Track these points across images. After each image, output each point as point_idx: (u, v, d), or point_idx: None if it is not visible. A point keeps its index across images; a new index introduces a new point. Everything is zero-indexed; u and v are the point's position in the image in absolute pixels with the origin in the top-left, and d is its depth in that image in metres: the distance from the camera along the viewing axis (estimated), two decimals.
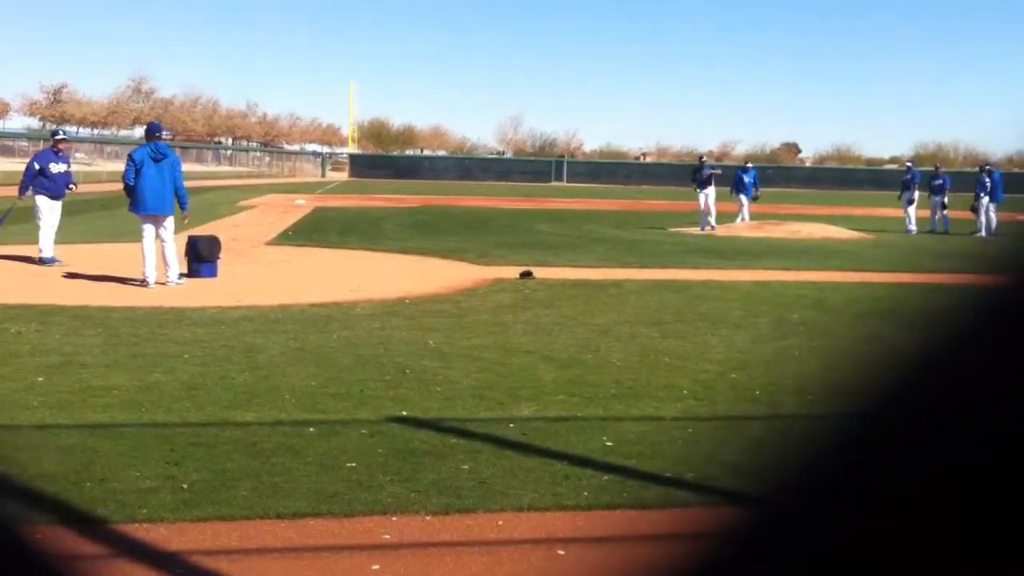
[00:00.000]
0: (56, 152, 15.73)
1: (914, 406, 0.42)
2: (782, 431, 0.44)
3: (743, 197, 28.64)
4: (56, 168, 15.62)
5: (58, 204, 15.65)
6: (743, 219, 28.36)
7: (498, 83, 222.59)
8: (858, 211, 41.66)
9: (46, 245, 15.18)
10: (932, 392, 0.42)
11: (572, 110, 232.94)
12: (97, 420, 6.36)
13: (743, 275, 15.65)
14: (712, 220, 27.33)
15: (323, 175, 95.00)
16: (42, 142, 16.62)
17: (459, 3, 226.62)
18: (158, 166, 12.98)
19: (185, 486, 5.14)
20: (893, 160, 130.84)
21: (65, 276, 13.77)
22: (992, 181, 27.97)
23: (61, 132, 17.54)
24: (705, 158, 30.71)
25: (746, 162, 30.65)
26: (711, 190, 27.57)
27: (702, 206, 27.64)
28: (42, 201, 15.46)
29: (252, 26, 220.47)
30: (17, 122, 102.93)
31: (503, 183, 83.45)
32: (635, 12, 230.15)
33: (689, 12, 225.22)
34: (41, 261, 14.94)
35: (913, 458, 0.40)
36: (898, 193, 30.58)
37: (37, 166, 15.57)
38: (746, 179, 28.82)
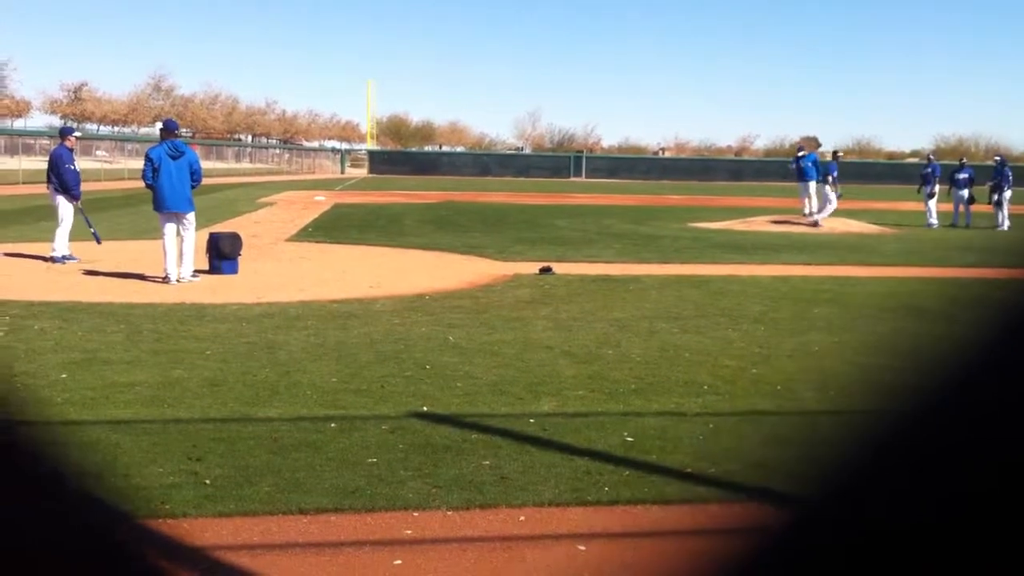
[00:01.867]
0: (70, 149, 15.77)
1: (947, 404, 0.42)
2: (805, 427, 0.44)
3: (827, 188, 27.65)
4: (75, 166, 15.67)
5: (76, 202, 15.68)
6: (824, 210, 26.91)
7: (516, 79, 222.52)
8: (879, 205, 41.46)
9: (64, 243, 15.22)
10: (966, 391, 0.42)
11: (590, 105, 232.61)
12: (120, 416, 6.40)
13: (763, 270, 15.60)
14: (811, 209, 26.82)
15: (342, 171, 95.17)
16: (57, 139, 16.45)
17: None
18: (176, 163, 13.03)
19: (208, 481, 5.17)
20: (914, 154, 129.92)
21: (86, 273, 13.85)
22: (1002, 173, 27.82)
23: (75, 128, 17.55)
24: (804, 149, 29.23)
25: (835, 152, 29.06)
26: (812, 182, 27.06)
27: (808, 195, 27.15)
28: (64, 199, 15.48)
29: (271, 24, 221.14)
30: (38, 120, 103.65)
31: (522, 179, 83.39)
32: (653, 7, 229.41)
33: (708, 6, 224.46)
34: (63, 259, 14.98)
35: (944, 458, 0.40)
36: (917, 187, 30.38)
37: (71, 166, 15.56)
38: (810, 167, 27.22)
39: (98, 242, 15.48)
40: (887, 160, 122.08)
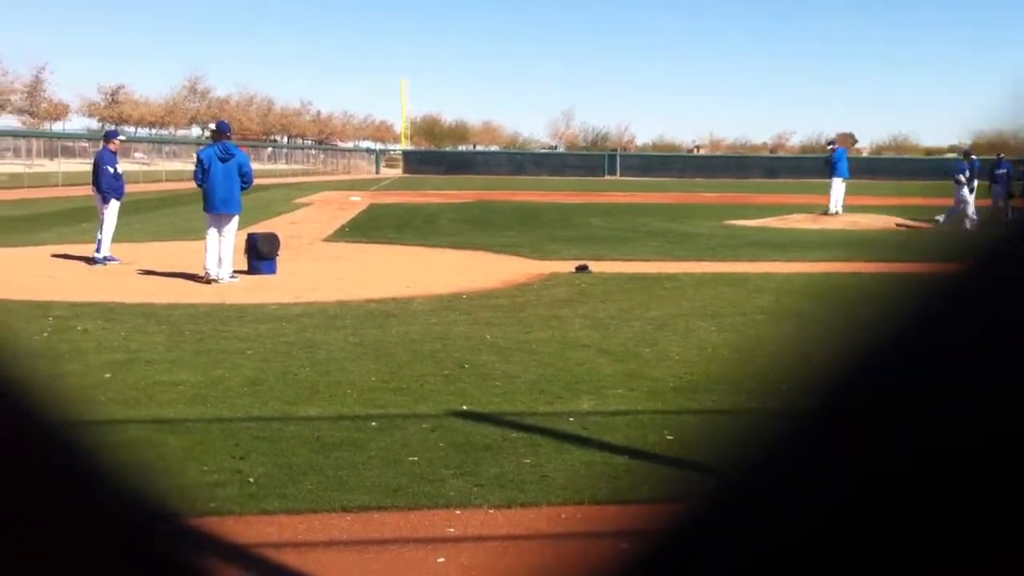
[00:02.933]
0: (113, 152, 15.94)
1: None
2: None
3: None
4: (117, 168, 15.84)
5: (119, 204, 15.84)
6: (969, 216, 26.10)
7: (549, 78, 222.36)
8: (917, 201, 41.02)
9: (107, 245, 15.37)
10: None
11: (624, 104, 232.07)
12: (163, 415, 6.48)
13: (802, 267, 15.49)
14: (836, 206, 26.81)
15: (377, 172, 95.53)
16: (101, 142, 16.65)
17: None
18: (225, 166, 13.15)
19: (251, 480, 5.22)
20: (952, 149, 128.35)
21: (128, 274, 14.01)
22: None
23: (118, 132, 17.77)
24: (835, 144, 28.89)
25: (967, 152, 28.55)
26: (838, 179, 27.00)
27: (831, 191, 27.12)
28: (112, 201, 15.62)
29: (306, 25, 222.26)
30: (77, 123, 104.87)
31: (556, 177, 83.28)
32: (685, 4, 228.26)
33: (742, 2, 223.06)
34: (104, 260, 15.16)
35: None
36: (954, 181, 29.99)
37: (111, 168, 15.73)
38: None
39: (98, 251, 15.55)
40: (925, 156, 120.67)
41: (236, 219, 13.41)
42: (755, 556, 0.42)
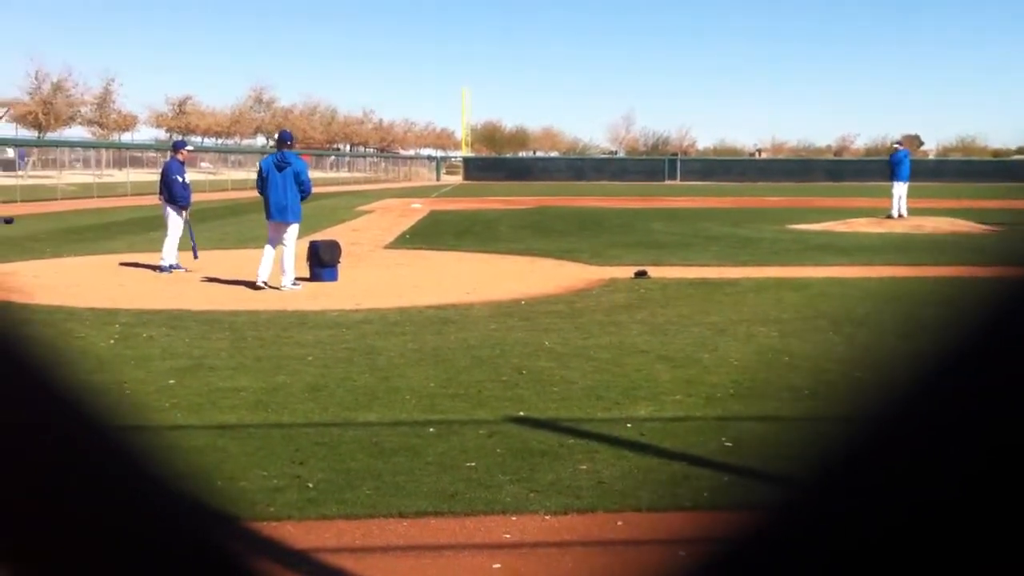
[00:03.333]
0: (181, 162, 16.22)
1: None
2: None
3: None
4: (184, 178, 16.11)
5: (184, 213, 16.10)
6: None
7: (609, 83, 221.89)
8: (985, 203, 40.20)
9: (172, 253, 15.64)
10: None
11: (684, 107, 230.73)
12: (226, 421, 6.56)
13: (865, 271, 15.25)
14: (900, 209, 26.41)
15: (438, 179, 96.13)
16: (169, 152, 16.96)
17: (569, 4, 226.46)
18: (281, 175, 13.30)
19: (311, 485, 5.26)
20: (1020, 151, 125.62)
21: (193, 282, 14.23)
22: None
23: (186, 142, 18.12)
24: (901, 146, 28.54)
25: None
26: (899, 182, 26.67)
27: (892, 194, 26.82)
28: (173, 210, 15.90)
29: (367, 35, 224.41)
30: (145, 133, 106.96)
31: (616, 183, 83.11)
32: (745, 6, 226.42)
33: (802, 4, 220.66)
34: (170, 268, 15.41)
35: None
36: None
37: (179, 178, 16.01)
38: None
39: (195, 256, 15.83)
40: (993, 158, 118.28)
41: (295, 227, 13.53)
42: (816, 567, 0.40)
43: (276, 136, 14.41)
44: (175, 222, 15.83)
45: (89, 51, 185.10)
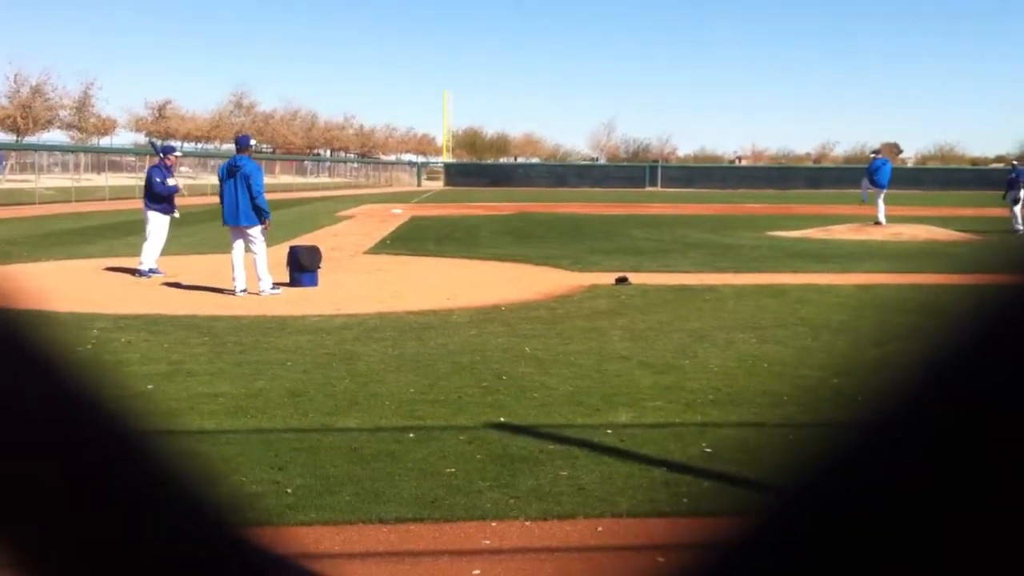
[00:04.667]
0: (167, 167, 16.14)
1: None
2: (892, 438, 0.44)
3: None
4: (168, 181, 16.03)
5: (168, 218, 16.03)
6: None
7: (590, 89, 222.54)
8: (963, 212, 40.51)
9: (151, 257, 15.54)
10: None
11: (665, 115, 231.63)
12: (205, 426, 6.52)
13: (843, 279, 15.33)
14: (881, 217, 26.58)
15: (419, 184, 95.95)
16: (148, 157, 16.94)
17: (550, 11, 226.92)
18: (233, 179, 13.22)
19: (290, 491, 5.24)
20: (999, 159, 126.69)
21: (171, 287, 14.15)
22: None
23: (173, 147, 18.04)
24: (879, 154, 28.61)
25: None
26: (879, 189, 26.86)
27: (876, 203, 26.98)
28: (153, 214, 15.81)
29: (349, 40, 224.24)
30: (124, 138, 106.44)
31: (597, 189, 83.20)
32: (727, 15, 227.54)
33: (783, 11, 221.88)
34: (149, 272, 15.32)
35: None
36: (1002, 193, 29.57)
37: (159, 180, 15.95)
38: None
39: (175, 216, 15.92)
40: (971, 166, 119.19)
41: (257, 231, 13.32)
42: (796, 573, 0.40)
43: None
44: (156, 226, 15.75)
45: (68, 55, 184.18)
